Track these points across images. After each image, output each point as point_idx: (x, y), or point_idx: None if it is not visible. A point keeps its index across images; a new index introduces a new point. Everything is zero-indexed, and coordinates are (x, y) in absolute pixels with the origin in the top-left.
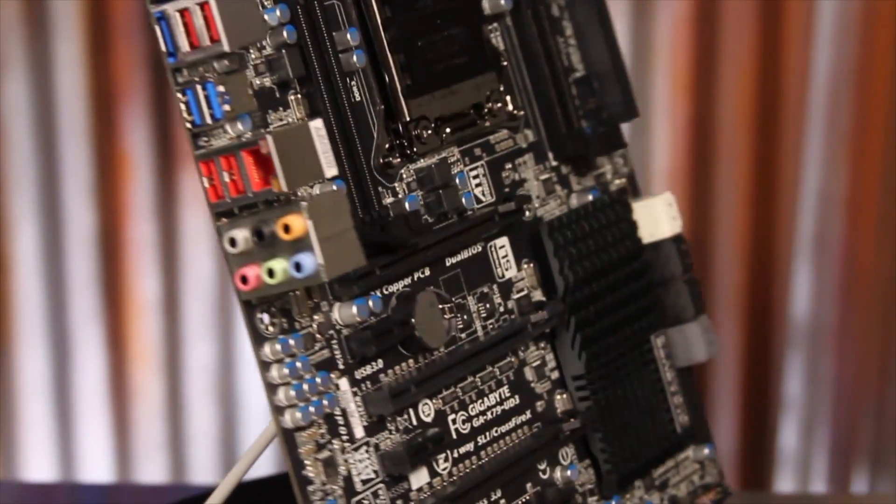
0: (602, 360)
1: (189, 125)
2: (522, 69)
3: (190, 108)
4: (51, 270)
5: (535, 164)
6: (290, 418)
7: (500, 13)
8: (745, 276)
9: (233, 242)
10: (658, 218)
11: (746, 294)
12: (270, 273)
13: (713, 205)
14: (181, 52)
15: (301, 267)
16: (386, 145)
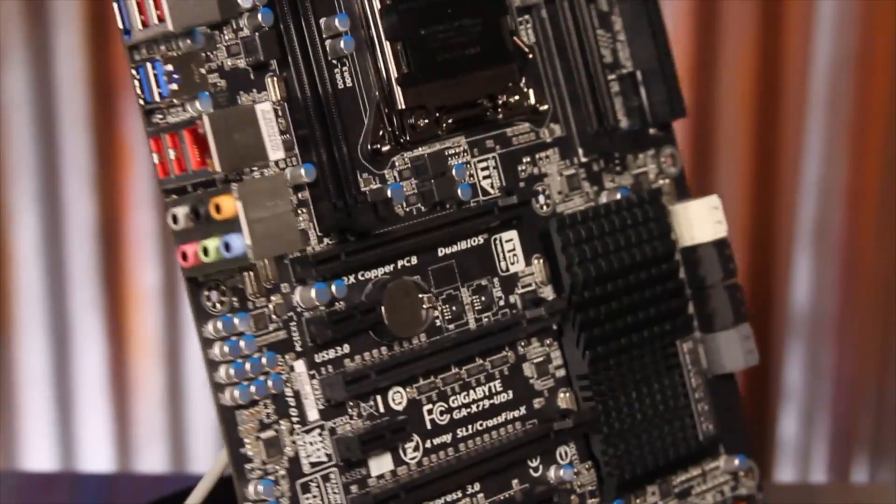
0: (611, 362)
1: (141, 102)
2: (555, 62)
3: (142, 86)
4: (51, 260)
5: (559, 160)
6: (230, 396)
7: (532, 5)
8: (745, 266)
9: (175, 219)
10: (701, 220)
11: (747, 284)
12: (205, 251)
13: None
14: (134, 31)
15: (230, 247)
16: (380, 132)
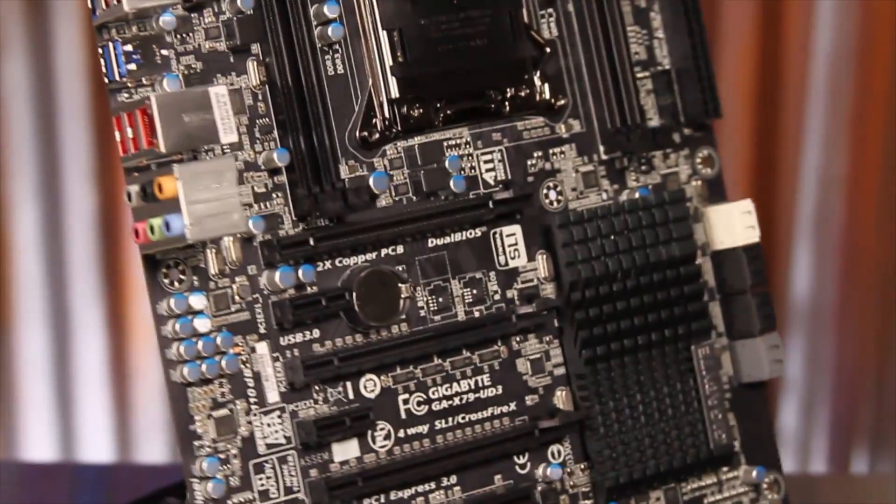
0: (611, 363)
1: (106, 80)
2: (580, 57)
3: (106, 65)
4: (51, 252)
5: (576, 156)
6: (180, 373)
7: None
8: None
9: (129, 196)
10: (732, 224)
11: None
12: (152, 229)
13: None
14: (99, 11)
15: (170, 226)
16: (372, 121)
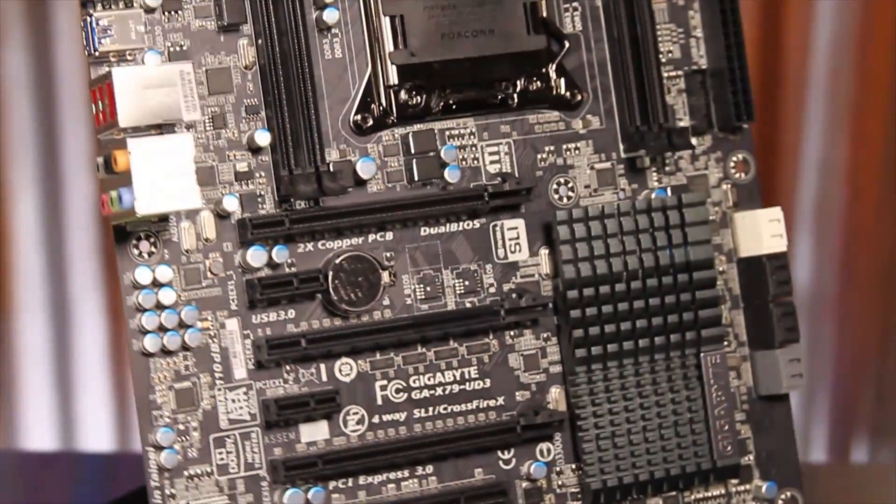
0: (608, 364)
1: (87, 53)
2: (604, 53)
3: (87, 38)
4: (51, 241)
5: (592, 153)
6: (140, 344)
7: None
8: None
9: (97, 168)
10: (758, 232)
11: None
12: (112, 201)
13: None
14: None
15: (122, 199)
16: (370, 106)
